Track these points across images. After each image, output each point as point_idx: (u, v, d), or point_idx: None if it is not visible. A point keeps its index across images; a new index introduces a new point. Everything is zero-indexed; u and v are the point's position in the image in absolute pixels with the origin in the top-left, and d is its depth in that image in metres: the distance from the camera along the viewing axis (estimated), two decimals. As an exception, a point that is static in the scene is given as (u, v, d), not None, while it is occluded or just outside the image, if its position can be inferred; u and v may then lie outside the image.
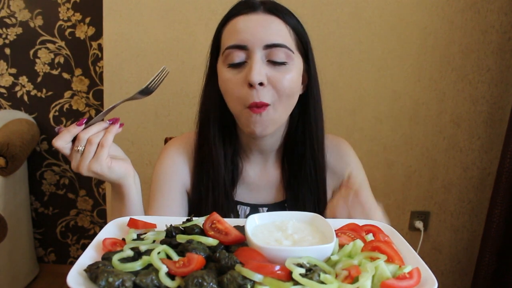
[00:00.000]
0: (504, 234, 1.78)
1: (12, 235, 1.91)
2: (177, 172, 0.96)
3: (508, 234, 1.77)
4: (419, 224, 2.02)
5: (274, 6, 0.85)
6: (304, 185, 0.92)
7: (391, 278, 0.52)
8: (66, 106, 2.17)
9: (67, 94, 2.15)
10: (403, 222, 2.04)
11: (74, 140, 0.73)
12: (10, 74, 2.13)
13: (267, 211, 0.95)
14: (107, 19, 1.84)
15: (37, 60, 2.11)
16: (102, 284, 0.49)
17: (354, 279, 0.51)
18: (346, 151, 1.00)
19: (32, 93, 2.15)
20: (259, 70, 0.79)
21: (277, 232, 0.61)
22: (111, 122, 0.75)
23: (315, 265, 0.53)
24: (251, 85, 0.80)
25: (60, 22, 2.07)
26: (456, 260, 2.10)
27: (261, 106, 0.80)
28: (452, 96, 1.91)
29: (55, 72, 2.12)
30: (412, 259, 0.58)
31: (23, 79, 2.13)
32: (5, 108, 2.17)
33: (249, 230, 0.59)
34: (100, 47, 2.08)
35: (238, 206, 0.95)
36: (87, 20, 2.07)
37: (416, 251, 0.60)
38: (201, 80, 2.11)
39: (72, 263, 0.53)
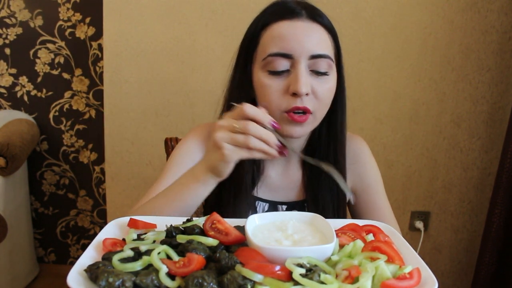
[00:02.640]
0: (504, 234, 1.78)
1: (12, 235, 1.91)
2: (193, 157, 0.94)
3: (508, 234, 1.77)
4: (419, 224, 2.02)
5: (316, 12, 0.84)
6: (325, 187, 0.92)
7: (391, 278, 0.52)
8: (66, 106, 2.17)
9: (67, 94, 2.15)
10: (403, 222, 2.04)
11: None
12: (10, 74, 2.13)
13: (286, 209, 0.95)
14: (107, 19, 1.84)
15: (37, 60, 2.11)
16: (102, 284, 0.49)
17: (354, 279, 0.51)
18: (363, 149, 1.01)
19: (32, 93, 2.15)
20: (306, 81, 0.79)
21: (277, 232, 0.61)
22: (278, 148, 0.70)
23: (315, 265, 0.53)
24: (294, 94, 0.79)
25: (60, 22, 2.07)
26: (456, 260, 2.10)
27: (305, 112, 0.80)
28: (452, 96, 1.91)
29: (55, 72, 2.12)
30: (412, 259, 0.58)
31: (23, 79, 2.13)
32: (5, 108, 2.17)
33: (249, 230, 0.59)
34: (100, 47, 2.08)
35: (257, 202, 0.94)
36: (87, 20, 2.06)
37: (416, 251, 0.60)
38: (201, 80, 2.11)
39: (72, 263, 0.53)
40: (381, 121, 1.93)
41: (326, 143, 0.92)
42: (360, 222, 0.70)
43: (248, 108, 0.68)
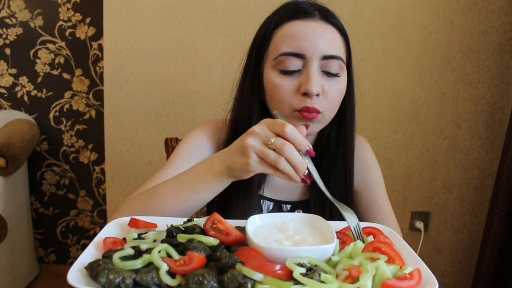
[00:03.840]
0: (505, 235, 1.78)
1: (12, 236, 1.91)
2: (202, 151, 0.93)
3: (508, 234, 1.77)
4: (419, 225, 2.02)
5: (329, 13, 0.84)
6: (332, 189, 0.91)
7: (391, 279, 0.52)
8: (66, 106, 2.17)
9: (68, 94, 2.15)
10: (404, 223, 2.04)
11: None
12: (10, 75, 2.13)
13: (290, 208, 0.95)
14: (107, 19, 1.84)
15: (37, 60, 2.11)
16: (103, 281, 0.49)
17: (354, 279, 0.51)
18: (365, 149, 1.01)
19: (33, 93, 2.15)
20: (317, 81, 0.79)
21: (277, 233, 0.61)
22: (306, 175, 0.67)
23: (316, 265, 0.53)
24: (305, 94, 0.79)
25: (60, 22, 2.07)
26: (456, 261, 2.10)
27: (313, 111, 0.80)
28: (453, 96, 1.91)
29: (55, 72, 2.13)
30: (413, 261, 0.58)
31: (23, 79, 2.13)
32: (5, 108, 2.17)
33: (250, 230, 0.59)
34: (100, 47, 2.08)
35: (262, 201, 0.94)
36: (87, 20, 2.07)
37: (416, 252, 0.60)
38: (201, 80, 2.11)
39: (72, 264, 0.53)
40: (381, 121, 1.94)
41: (335, 145, 0.92)
42: (360, 224, 0.70)
43: (290, 129, 0.65)
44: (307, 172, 0.67)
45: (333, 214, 0.91)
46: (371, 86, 1.89)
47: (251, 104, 0.88)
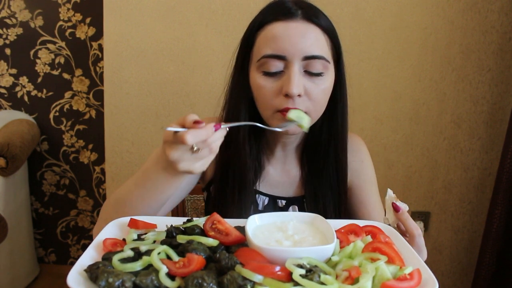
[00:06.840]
0: (505, 235, 1.77)
1: (12, 236, 1.91)
2: None
3: (508, 234, 1.77)
4: (419, 225, 2.02)
5: (312, 12, 0.83)
6: (325, 184, 0.93)
7: (391, 279, 0.52)
8: (67, 106, 2.17)
9: (68, 94, 2.15)
10: (404, 223, 2.04)
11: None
12: (10, 75, 2.13)
13: (285, 203, 0.96)
14: (108, 19, 1.84)
15: (37, 61, 2.11)
16: (102, 284, 0.49)
17: (354, 280, 0.51)
18: (360, 148, 1.02)
19: (33, 93, 2.15)
20: (298, 83, 0.79)
21: (277, 233, 0.61)
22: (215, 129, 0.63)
23: (316, 266, 0.53)
24: (287, 95, 0.80)
25: (60, 23, 2.07)
26: (456, 261, 2.10)
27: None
28: (453, 96, 1.91)
29: (55, 72, 2.12)
30: (413, 260, 0.58)
31: (24, 80, 2.13)
32: (5, 108, 2.17)
33: (249, 230, 0.59)
34: (100, 48, 2.08)
35: (257, 196, 0.95)
36: (88, 20, 2.07)
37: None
38: (201, 80, 2.11)
39: (72, 264, 0.53)
40: (382, 121, 1.93)
41: (327, 140, 0.93)
42: (360, 223, 0.70)
43: (189, 137, 0.58)
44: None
45: (327, 210, 0.92)
46: (371, 86, 1.89)
47: (239, 103, 0.89)
